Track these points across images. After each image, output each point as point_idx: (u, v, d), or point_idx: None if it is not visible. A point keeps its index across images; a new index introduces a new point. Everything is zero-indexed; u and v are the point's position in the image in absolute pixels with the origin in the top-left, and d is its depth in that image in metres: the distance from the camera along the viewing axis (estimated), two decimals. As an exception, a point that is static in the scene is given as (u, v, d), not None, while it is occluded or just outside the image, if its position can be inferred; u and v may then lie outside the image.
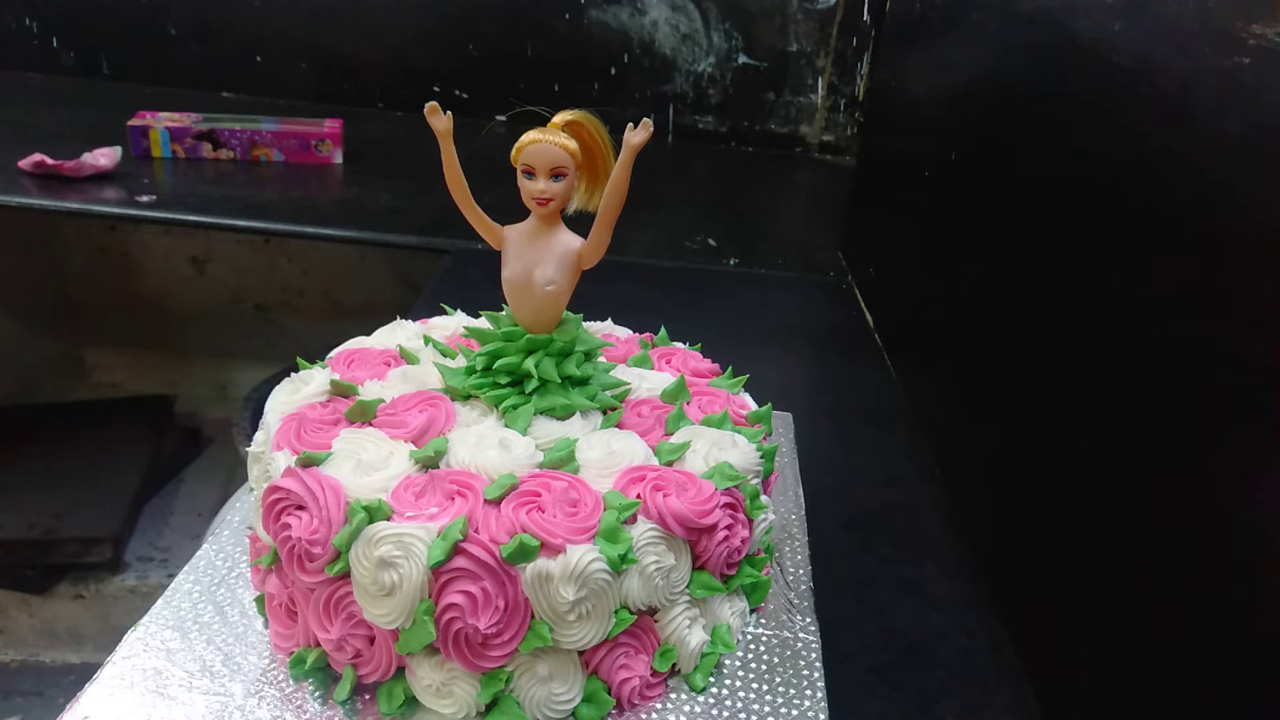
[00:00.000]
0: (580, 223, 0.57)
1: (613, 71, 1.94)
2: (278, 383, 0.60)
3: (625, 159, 0.52)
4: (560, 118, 0.53)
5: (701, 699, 0.54)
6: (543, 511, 0.49)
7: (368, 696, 0.51)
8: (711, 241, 1.52)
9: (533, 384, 0.57)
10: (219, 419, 1.97)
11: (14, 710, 1.48)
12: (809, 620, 0.61)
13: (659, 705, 0.53)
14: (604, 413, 0.59)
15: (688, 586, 0.54)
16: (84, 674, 0.52)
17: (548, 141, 0.52)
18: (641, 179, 0.53)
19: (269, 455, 0.54)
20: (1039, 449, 0.73)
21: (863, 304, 1.35)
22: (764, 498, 0.60)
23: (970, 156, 0.98)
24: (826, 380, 1.17)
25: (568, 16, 1.89)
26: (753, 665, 0.57)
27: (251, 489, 0.60)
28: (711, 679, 0.55)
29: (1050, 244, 0.74)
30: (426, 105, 0.53)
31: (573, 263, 0.56)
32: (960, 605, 0.76)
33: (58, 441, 1.80)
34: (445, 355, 0.64)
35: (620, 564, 0.48)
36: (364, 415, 0.56)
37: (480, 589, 0.46)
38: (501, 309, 0.60)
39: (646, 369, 0.67)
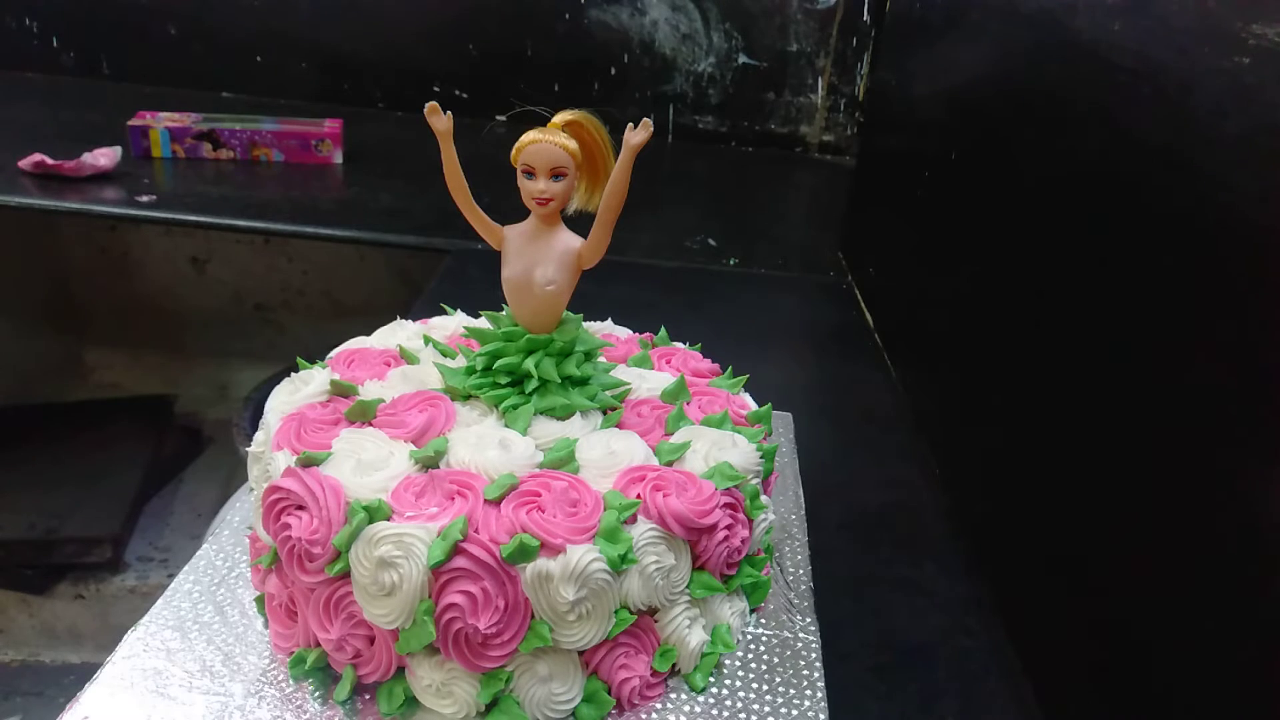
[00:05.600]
0: (580, 223, 0.57)
1: (613, 71, 1.94)
2: (278, 383, 0.60)
3: (625, 159, 0.52)
4: (560, 118, 0.53)
5: (701, 699, 0.54)
6: (543, 511, 0.49)
7: (368, 696, 0.51)
8: (711, 241, 1.52)
9: (533, 384, 0.57)
10: (219, 419, 1.97)
11: (14, 710, 1.48)
12: (809, 620, 0.61)
13: (659, 705, 0.53)
14: (604, 413, 0.59)
15: (688, 586, 0.54)
16: (84, 674, 0.52)
17: (548, 141, 0.52)
18: (641, 179, 0.53)
19: (269, 455, 0.54)
20: (1039, 448, 0.73)
21: (863, 304, 1.35)
22: (764, 498, 0.60)
23: (970, 156, 0.98)
24: (826, 380, 1.17)
25: (568, 16, 1.89)
26: (753, 665, 0.57)
27: (251, 489, 0.60)
28: (711, 679, 0.55)
29: (1050, 244, 0.74)
30: (426, 105, 0.53)
31: (573, 263, 0.56)
32: (960, 605, 0.76)
33: (58, 441, 1.80)
34: (445, 355, 0.64)
35: (620, 564, 0.48)
36: (364, 415, 0.56)
37: (480, 589, 0.46)
38: (501, 309, 0.60)
39: (646, 369, 0.67)
